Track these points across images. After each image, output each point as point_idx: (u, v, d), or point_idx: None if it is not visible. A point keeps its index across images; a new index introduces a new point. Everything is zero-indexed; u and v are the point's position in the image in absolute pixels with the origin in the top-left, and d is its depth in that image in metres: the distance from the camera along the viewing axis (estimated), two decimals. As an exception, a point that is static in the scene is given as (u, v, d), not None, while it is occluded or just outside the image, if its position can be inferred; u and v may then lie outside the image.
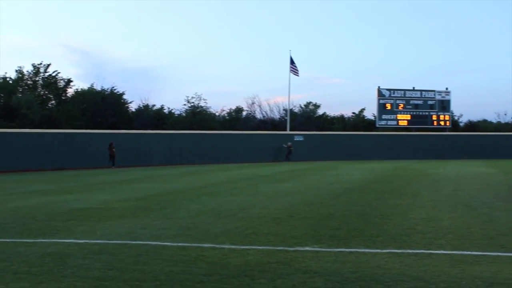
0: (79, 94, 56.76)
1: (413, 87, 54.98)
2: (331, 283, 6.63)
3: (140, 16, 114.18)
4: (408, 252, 8.32)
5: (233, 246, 8.84)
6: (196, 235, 10.01)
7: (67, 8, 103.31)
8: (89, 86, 58.70)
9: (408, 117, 54.13)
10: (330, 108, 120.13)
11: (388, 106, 53.85)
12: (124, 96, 59.27)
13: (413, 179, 23.88)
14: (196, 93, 69.64)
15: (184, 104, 62.08)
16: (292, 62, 50.86)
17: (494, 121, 70.59)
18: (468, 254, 8.21)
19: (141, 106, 61.68)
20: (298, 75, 51.82)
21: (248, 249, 8.59)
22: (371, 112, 64.90)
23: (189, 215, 12.61)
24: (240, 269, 7.29)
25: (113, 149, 38.11)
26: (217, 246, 8.88)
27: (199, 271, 7.22)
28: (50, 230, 10.77)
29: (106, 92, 57.08)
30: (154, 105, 62.90)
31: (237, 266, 7.47)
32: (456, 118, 65.74)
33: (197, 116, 59.94)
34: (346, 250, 8.51)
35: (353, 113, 69.72)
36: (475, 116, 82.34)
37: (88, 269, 7.39)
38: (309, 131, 54.31)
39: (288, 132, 50.83)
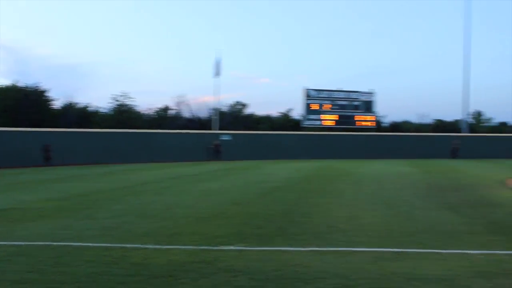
0: (0, 91, 54.84)
1: (339, 88, 56.04)
2: (255, 281, 6.69)
3: (65, 12, 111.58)
4: (330, 250, 8.48)
5: (157, 246, 8.77)
6: (119, 236, 9.87)
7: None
8: (12, 83, 56.87)
9: (334, 117, 55.04)
10: (259, 107, 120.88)
11: (315, 106, 54.59)
12: (48, 94, 57.71)
13: (337, 178, 24.31)
14: (123, 91, 68.69)
15: (111, 103, 61.12)
16: (217, 62, 50.96)
17: (416, 122, 73.10)
18: (388, 251, 8.46)
19: (66, 104, 60.26)
20: (219, 75, 51.80)
21: (172, 249, 8.54)
22: (298, 112, 65.75)
23: (113, 215, 12.41)
24: (163, 269, 7.25)
25: (49, 152, 37.23)
26: (140, 246, 8.79)
27: (122, 272, 7.14)
28: (-34, 232, 10.39)
29: (30, 89, 55.36)
30: (79, 103, 61.67)
31: (160, 266, 7.42)
32: (380, 118, 67.48)
33: (124, 114, 59.07)
34: (270, 248, 8.60)
35: (281, 112, 70.52)
36: (399, 117, 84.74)
37: (5, 271, 7.18)
38: (237, 130, 54.46)
39: (216, 131, 50.75)
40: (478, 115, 75.74)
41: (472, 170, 30.85)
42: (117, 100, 60.51)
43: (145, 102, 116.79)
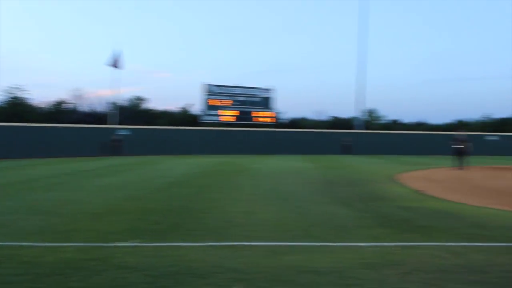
0: None
1: (239, 84, 56.40)
2: (148, 277, 6.61)
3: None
4: (226, 245, 8.52)
5: (48, 244, 8.47)
6: (8, 233, 9.46)
7: None
8: None
9: (233, 112, 55.44)
10: (159, 102, 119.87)
11: (214, 102, 54.76)
12: None
13: (235, 174, 24.51)
14: (16, 83, 65.88)
15: (3, 95, 58.54)
16: (115, 55, 50.04)
17: (313, 118, 75.05)
18: (283, 245, 8.61)
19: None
20: (117, 68, 50.85)
21: (64, 247, 8.27)
22: (198, 107, 65.63)
23: (2, 212, 11.87)
24: (54, 267, 7.02)
25: None
26: (31, 244, 8.45)
27: (10, 271, 6.84)
28: None
29: None
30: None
31: (51, 264, 7.18)
32: (279, 115, 68.56)
33: (17, 107, 56.74)
34: (165, 244, 8.53)
35: (181, 108, 70.21)
36: (298, 114, 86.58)
37: None
38: (136, 125, 53.70)
39: (114, 126, 49.78)
40: (371, 113, 78.56)
41: (364, 166, 32.04)
42: (10, 93, 58.04)
43: (41, 95, 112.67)
